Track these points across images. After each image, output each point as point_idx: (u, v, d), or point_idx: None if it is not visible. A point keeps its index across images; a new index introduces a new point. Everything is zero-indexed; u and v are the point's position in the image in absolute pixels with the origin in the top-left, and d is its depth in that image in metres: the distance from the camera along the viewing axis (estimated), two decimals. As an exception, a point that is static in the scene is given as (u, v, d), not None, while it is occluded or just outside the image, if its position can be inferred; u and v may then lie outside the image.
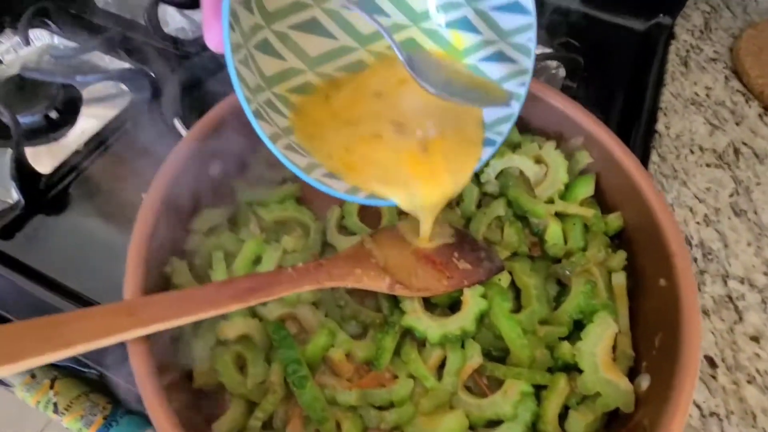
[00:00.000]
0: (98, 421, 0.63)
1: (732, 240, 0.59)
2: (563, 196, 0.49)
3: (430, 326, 0.40)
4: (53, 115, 0.67)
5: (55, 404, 0.64)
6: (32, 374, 0.66)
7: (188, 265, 0.43)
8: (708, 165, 0.66)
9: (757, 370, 0.49)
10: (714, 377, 0.49)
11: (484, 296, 0.42)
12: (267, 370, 0.40)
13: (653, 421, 0.34)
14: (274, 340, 0.40)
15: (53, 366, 0.69)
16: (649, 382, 0.38)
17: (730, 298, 0.54)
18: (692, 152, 0.67)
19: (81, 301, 0.51)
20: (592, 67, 0.73)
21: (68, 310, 0.50)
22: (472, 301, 0.42)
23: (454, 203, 0.51)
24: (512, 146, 0.52)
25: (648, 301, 0.43)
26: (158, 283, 0.40)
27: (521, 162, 0.50)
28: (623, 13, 0.82)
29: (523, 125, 0.54)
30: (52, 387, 0.65)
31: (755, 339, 0.51)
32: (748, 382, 0.49)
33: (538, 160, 0.51)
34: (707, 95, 0.74)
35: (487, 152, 0.41)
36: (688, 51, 0.80)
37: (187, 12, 0.82)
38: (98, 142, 0.63)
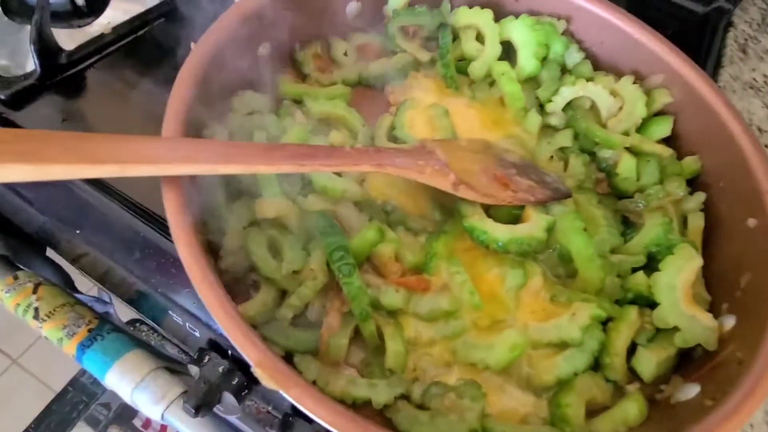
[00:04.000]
0: (82, 333, 0.57)
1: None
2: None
3: (496, 228, 0.36)
4: (80, 1, 0.62)
5: (36, 309, 0.58)
6: (15, 276, 0.60)
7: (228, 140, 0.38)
8: (767, 146, 0.63)
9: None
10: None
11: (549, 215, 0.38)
12: (305, 258, 0.35)
13: (750, 352, 0.30)
14: (319, 227, 0.35)
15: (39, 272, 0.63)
16: (734, 321, 0.34)
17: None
18: (751, 132, 0.64)
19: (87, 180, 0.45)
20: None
21: (75, 188, 0.45)
22: (537, 216, 0.38)
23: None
24: (585, 79, 0.49)
25: (729, 244, 0.39)
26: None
27: (595, 91, 0.46)
28: (685, -8, 0.79)
29: (595, 59, 0.50)
30: (35, 291, 0.59)
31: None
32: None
33: (614, 94, 0.47)
34: (765, 82, 0.71)
35: None
36: (746, 40, 0.77)
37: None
38: (128, 30, 0.58)
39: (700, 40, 0.76)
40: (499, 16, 0.50)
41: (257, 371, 0.25)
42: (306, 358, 0.32)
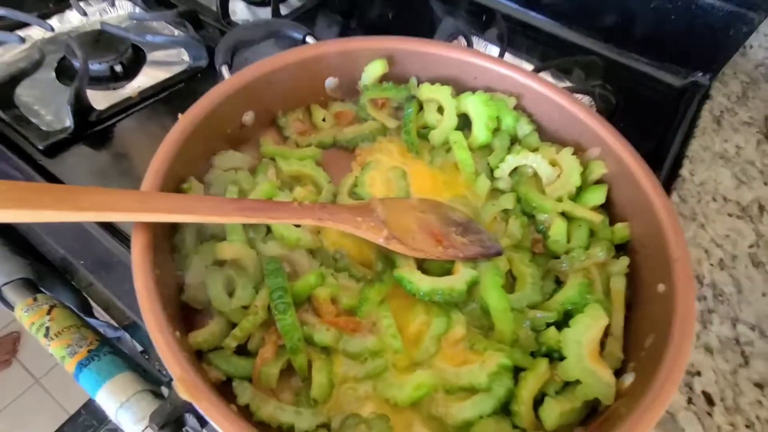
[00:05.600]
0: (82, 353, 0.64)
1: (747, 287, 0.57)
2: (573, 201, 0.50)
3: (421, 279, 0.41)
4: (118, 68, 0.74)
5: (47, 329, 0.66)
6: (34, 297, 0.68)
7: (204, 192, 0.46)
8: (730, 215, 0.65)
9: (758, 417, 0.46)
10: (710, 414, 0.46)
11: (475, 270, 0.43)
12: (253, 296, 0.40)
13: (630, 408, 0.33)
14: (266, 270, 0.41)
15: (55, 296, 0.71)
16: (633, 379, 0.37)
17: (738, 341, 0.52)
18: (715, 200, 0.67)
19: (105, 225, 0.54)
20: (623, 112, 0.74)
21: (88, 227, 0.54)
22: (464, 270, 0.42)
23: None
24: (531, 149, 0.54)
25: (644, 307, 0.42)
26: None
27: (536, 161, 0.51)
28: (662, 66, 0.84)
29: (543, 131, 0.56)
30: (49, 312, 0.67)
31: (759, 386, 0.48)
32: (747, 426, 0.45)
33: (553, 163, 0.52)
34: (737, 153, 0.74)
35: None
36: (722, 112, 0.81)
37: (254, 7, 0.91)
38: (151, 94, 0.69)
39: (676, 111, 0.80)
40: (460, 91, 0.57)
41: (176, 384, 0.30)
42: (242, 383, 0.37)
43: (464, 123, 0.57)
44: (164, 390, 0.54)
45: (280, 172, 0.51)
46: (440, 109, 0.57)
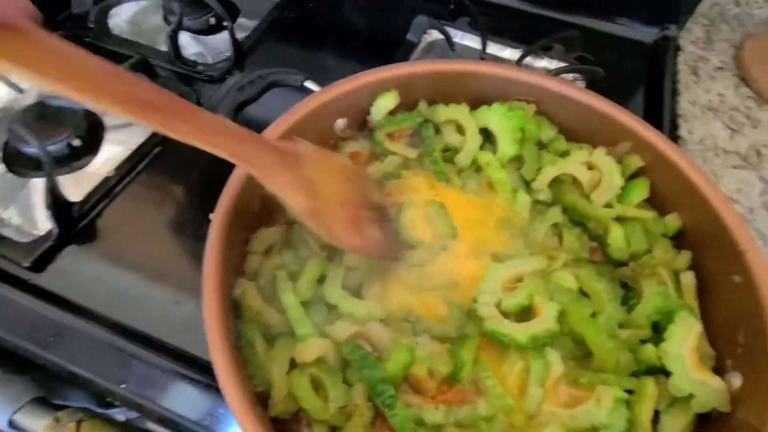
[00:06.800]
0: (128, 463, 0.59)
1: (771, 237, 0.60)
2: (619, 201, 0.49)
3: (515, 329, 0.39)
4: (76, 142, 0.65)
5: (82, 449, 0.60)
6: (56, 417, 0.61)
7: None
8: (734, 167, 0.68)
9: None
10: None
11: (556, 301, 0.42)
12: (348, 393, 0.38)
13: (762, 417, 0.33)
14: (354, 361, 0.38)
15: (80, 408, 0.64)
16: (741, 380, 0.38)
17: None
18: (717, 155, 0.69)
19: (125, 331, 0.48)
20: (608, 80, 0.75)
21: (116, 342, 0.48)
22: (546, 306, 0.41)
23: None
24: (560, 155, 0.53)
25: (721, 299, 0.43)
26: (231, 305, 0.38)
27: (574, 168, 0.50)
28: (632, 25, 0.85)
29: (567, 133, 0.54)
30: (78, 430, 0.61)
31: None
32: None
33: (590, 166, 0.51)
34: (721, 101, 0.76)
35: None
36: (695, 61, 0.83)
37: (201, 37, 0.82)
38: (129, 168, 0.61)
39: (653, 70, 0.81)
40: (475, 106, 0.54)
41: None
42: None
43: (485, 137, 0.54)
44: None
45: (320, 239, 0.47)
46: (459, 129, 0.55)
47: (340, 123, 0.53)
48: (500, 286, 0.43)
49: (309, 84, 0.55)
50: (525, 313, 0.43)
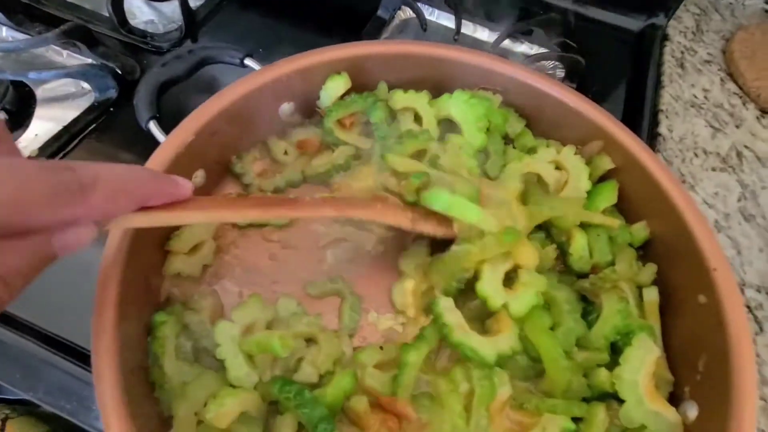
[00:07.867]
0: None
1: (744, 246, 0.57)
2: (585, 206, 0.45)
3: (482, 344, 0.36)
4: (1, 116, 0.59)
5: (10, 450, 0.56)
6: (-21, 416, 0.57)
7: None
8: (713, 169, 0.64)
9: (785, 385, 0.47)
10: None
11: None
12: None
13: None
14: (287, 400, 0.33)
15: (6, 403, 0.60)
16: (697, 410, 0.35)
17: (749, 307, 0.52)
18: (696, 155, 0.65)
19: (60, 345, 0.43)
20: (589, 69, 0.70)
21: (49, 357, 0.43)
22: (508, 323, 0.38)
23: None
24: (526, 151, 0.49)
25: (685, 319, 0.40)
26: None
27: (541, 167, 0.46)
28: (618, 11, 0.80)
29: (536, 127, 0.50)
30: (2, 429, 0.57)
31: (779, 351, 0.49)
32: (777, 398, 0.46)
33: (557, 166, 0.47)
34: (705, 97, 0.72)
35: None
36: (683, 53, 0.78)
37: (155, 3, 0.75)
38: (57, 148, 0.55)
39: (638, 60, 0.77)
40: (436, 94, 0.49)
41: None
42: None
43: (449, 128, 0.50)
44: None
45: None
46: (417, 118, 0.50)
47: (286, 107, 0.48)
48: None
49: (250, 62, 0.49)
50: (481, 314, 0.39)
